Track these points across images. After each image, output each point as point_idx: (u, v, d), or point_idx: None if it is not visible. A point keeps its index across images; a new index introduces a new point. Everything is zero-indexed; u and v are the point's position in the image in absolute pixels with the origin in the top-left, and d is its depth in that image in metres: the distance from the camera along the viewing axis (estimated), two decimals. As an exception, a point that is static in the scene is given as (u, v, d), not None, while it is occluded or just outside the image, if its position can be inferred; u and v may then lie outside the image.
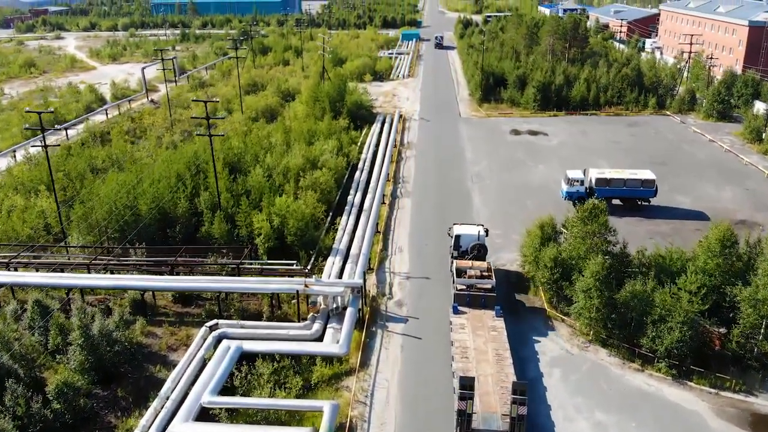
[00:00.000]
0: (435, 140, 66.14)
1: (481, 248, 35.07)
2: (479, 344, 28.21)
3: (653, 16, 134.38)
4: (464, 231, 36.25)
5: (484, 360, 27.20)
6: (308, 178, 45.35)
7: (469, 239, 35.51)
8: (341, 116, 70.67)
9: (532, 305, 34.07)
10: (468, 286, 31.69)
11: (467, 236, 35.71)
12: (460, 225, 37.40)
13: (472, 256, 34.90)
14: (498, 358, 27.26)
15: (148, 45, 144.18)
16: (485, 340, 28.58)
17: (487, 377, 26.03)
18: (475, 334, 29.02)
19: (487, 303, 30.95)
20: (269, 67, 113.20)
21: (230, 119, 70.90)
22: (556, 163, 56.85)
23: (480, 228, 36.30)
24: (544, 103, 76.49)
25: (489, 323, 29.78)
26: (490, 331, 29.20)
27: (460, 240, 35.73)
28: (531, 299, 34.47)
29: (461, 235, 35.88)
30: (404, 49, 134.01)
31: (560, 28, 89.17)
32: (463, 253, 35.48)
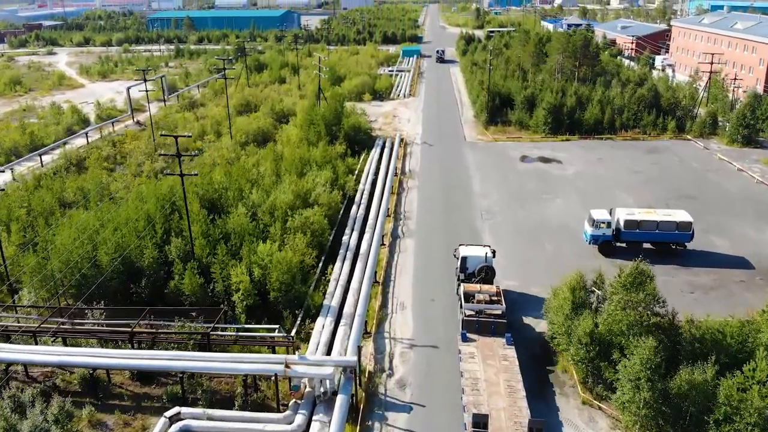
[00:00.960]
0: (439, 168, 60.81)
1: (489, 270, 33.93)
2: (490, 375, 26.77)
3: (663, 32, 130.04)
4: (471, 252, 34.95)
5: (495, 392, 25.73)
6: (297, 219, 39.87)
7: (476, 261, 34.28)
8: (338, 140, 65.52)
9: (561, 386, 28.34)
10: (477, 312, 30.08)
11: (474, 258, 34.44)
12: (467, 246, 36.06)
13: (480, 279, 33.66)
14: (510, 390, 25.79)
15: (141, 61, 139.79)
16: (496, 370, 27.16)
17: (500, 412, 24.60)
18: (486, 363, 27.56)
19: (498, 330, 29.50)
20: (264, 85, 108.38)
21: (217, 145, 65.66)
22: (575, 197, 51.42)
23: (487, 249, 35.10)
24: (556, 127, 71.28)
25: (500, 352, 28.33)
26: (501, 361, 27.78)
27: (467, 262, 34.45)
28: (560, 377, 28.77)
29: (468, 256, 34.59)
30: (405, 66, 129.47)
31: (570, 45, 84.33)
32: (469, 275, 34.20)
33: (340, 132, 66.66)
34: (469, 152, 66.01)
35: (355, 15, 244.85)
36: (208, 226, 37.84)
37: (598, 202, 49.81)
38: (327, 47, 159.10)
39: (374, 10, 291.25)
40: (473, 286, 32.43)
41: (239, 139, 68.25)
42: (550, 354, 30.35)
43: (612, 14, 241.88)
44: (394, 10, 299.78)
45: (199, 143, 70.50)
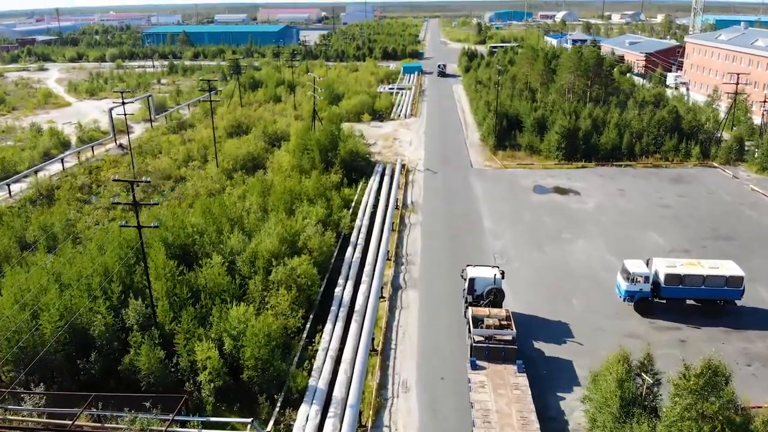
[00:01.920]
0: (444, 200, 55.14)
1: (498, 293, 32.99)
2: (501, 406, 25.59)
3: (674, 48, 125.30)
4: (479, 274, 33.75)
5: (508, 425, 24.50)
6: (281, 272, 34.07)
7: (484, 283, 33.21)
8: (333, 168, 60.07)
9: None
10: (486, 338, 29.05)
11: (482, 280, 33.30)
12: (474, 267, 34.82)
13: (488, 302, 32.62)
14: (523, 422, 24.57)
15: (133, 78, 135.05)
16: (508, 400, 25.97)
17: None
18: (497, 393, 26.44)
19: (508, 356, 28.40)
20: (258, 104, 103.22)
21: (202, 173, 60.08)
22: (598, 237, 45.65)
23: (496, 270, 34.07)
24: (570, 152, 65.75)
25: (511, 380, 27.22)
26: (512, 390, 26.63)
27: (475, 283, 33.33)
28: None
29: (476, 278, 33.41)
30: (406, 84, 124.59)
31: (582, 64, 79.16)
32: (478, 297, 33.17)
33: (336, 158, 61.19)
34: (477, 181, 60.39)
35: (355, 30, 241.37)
36: (174, 283, 32.02)
37: (625, 244, 44.14)
38: (326, 63, 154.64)
39: (374, 25, 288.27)
40: (482, 310, 31.16)
41: (226, 166, 62.70)
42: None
43: (616, 29, 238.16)
44: (395, 25, 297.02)
45: (183, 170, 65.09)
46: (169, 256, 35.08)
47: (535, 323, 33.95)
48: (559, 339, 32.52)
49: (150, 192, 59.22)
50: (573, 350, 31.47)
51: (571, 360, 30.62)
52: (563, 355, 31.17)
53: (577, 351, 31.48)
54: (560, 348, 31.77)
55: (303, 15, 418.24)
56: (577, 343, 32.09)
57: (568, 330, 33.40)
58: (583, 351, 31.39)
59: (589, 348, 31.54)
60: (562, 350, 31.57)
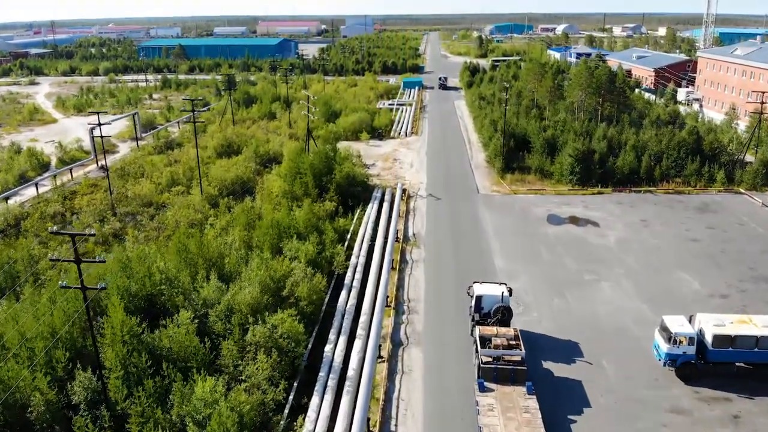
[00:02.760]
0: (450, 232, 50.09)
1: (506, 311, 32.03)
2: (511, 430, 24.71)
3: (684, 62, 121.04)
4: (486, 291, 32.84)
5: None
6: (259, 332, 28.92)
7: (491, 300, 32.25)
8: (328, 194, 55.22)
9: None
10: (494, 358, 28.23)
11: (489, 297, 32.35)
12: (481, 283, 33.90)
13: (496, 320, 31.66)
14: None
15: (124, 93, 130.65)
16: (518, 424, 25.04)
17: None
18: (506, 417, 25.46)
19: (517, 378, 27.54)
20: (252, 121, 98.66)
21: (184, 200, 55.10)
22: (625, 280, 40.52)
23: (503, 288, 33.09)
24: (585, 176, 60.83)
25: (521, 403, 26.34)
26: (522, 413, 25.64)
27: (482, 301, 32.42)
28: None
29: (483, 295, 32.48)
30: (406, 99, 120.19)
31: (594, 81, 74.58)
32: (485, 315, 32.25)
33: (331, 184, 56.33)
34: (485, 209, 55.40)
35: (354, 43, 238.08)
36: (133, 347, 26.88)
37: (656, 288, 39.07)
38: (324, 78, 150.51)
39: (374, 38, 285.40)
40: (489, 329, 30.23)
41: (212, 192, 57.75)
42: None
43: (620, 42, 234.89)
44: (395, 38, 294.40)
45: (165, 195, 60.17)
46: (132, 310, 30.09)
47: (565, 400, 28.71)
48: (595, 422, 27.29)
49: (127, 222, 54.30)
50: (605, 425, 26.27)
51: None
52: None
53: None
54: (590, 421, 26.56)
55: (303, 28, 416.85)
56: (616, 426, 26.86)
57: (605, 406, 28.16)
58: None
59: (627, 429, 26.39)
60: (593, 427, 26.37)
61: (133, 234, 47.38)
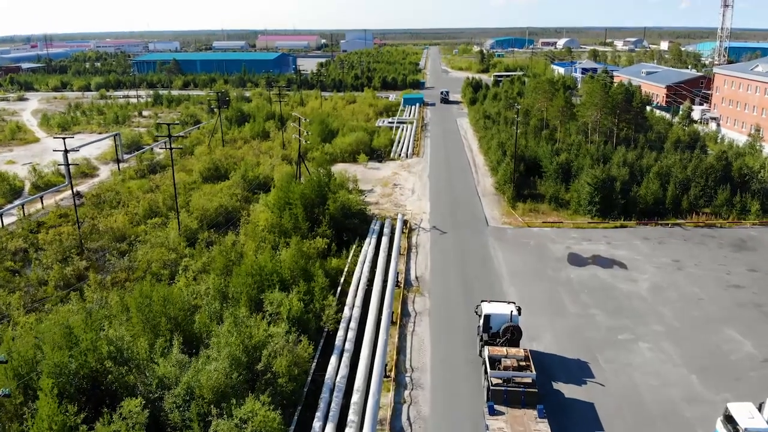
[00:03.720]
0: (458, 275, 44.10)
1: (515, 331, 31.05)
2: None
3: (697, 79, 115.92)
4: (495, 310, 32.17)
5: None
6: (224, 428, 22.85)
7: (500, 320, 31.48)
8: (321, 226, 49.44)
9: None
10: (504, 380, 27.06)
11: (498, 316, 31.64)
12: (489, 303, 33.31)
13: (505, 340, 30.70)
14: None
15: (113, 109, 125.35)
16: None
17: None
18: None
19: (528, 401, 26.30)
20: (244, 141, 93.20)
21: (159, 235, 49.09)
22: (666, 340, 34.44)
23: (512, 306, 32.38)
24: (605, 207, 54.99)
25: (532, 427, 24.84)
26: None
27: (490, 320, 31.72)
28: None
29: (491, 314, 31.80)
30: (407, 117, 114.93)
31: (610, 100, 69.08)
32: (493, 335, 31.49)
33: (324, 217, 50.53)
34: (497, 246, 49.46)
35: (354, 58, 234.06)
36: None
37: (702, 351, 33.09)
38: (321, 94, 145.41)
39: (374, 53, 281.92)
40: (499, 350, 29.54)
41: (191, 224, 51.85)
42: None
43: (624, 57, 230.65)
44: (395, 53, 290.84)
45: (141, 228, 54.34)
46: (72, 394, 24.15)
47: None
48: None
49: (96, 260, 48.43)
50: None
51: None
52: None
53: None
54: None
55: (302, 42, 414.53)
56: None
57: None
58: None
59: None
60: None
61: (96, 279, 41.38)
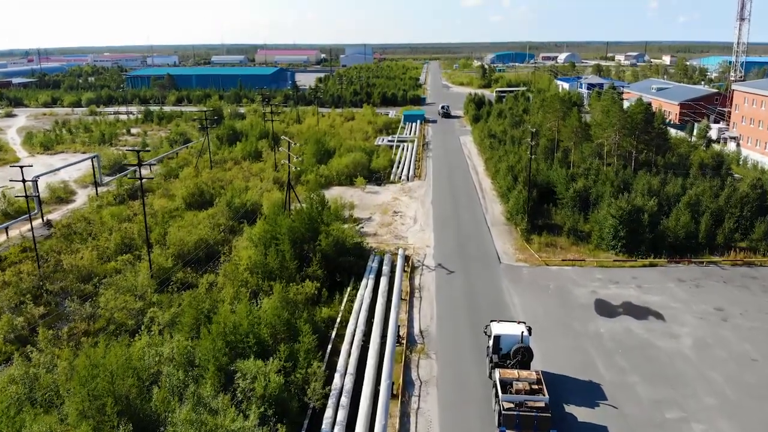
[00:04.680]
0: (469, 329, 37.85)
1: (526, 352, 29.44)
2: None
3: (711, 95, 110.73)
4: (504, 330, 30.42)
5: None
6: None
7: (510, 341, 29.80)
8: (311, 266, 43.57)
9: None
10: (516, 404, 26.15)
11: (508, 337, 29.92)
12: (499, 322, 31.54)
13: (516, 362, 29.18)
14: None
15: (101, 127, 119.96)
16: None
17: None
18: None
19: (541, 426, 25.38)
20: (234, 161, 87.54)
21: (126, 283, 42.85)
22: (721, 418, 28.19)
23: (523, 327, 30.63)
24: (632, 242, 49.01)
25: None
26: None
27: (500, 341, 30.02)
28: None
29: (501, 335, 30.08)
30: (407, 135, 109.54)
31: (629, 121, 63.45)
32: (503, 357, 29.83)
33: (315, 255, 44.62)
34: (512, 289, 43.34)
35: (353, 73, 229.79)
36: None
37: (756, 421, 26.83)
38: (319, 110, 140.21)
39: (374, 68, 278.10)
40: (510, 372, 27.99)
41: (164, 263, 45.81)
42: None
43: (629, 72, 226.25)
44: (395, 68, 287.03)
45: (112, 264, 48.37)
46: None
47: None
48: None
49: (58, 303, 42.49)
50: None
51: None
52: None
53: None
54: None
55: (302, 57, 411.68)
56: None
57: None
58: None
59: None
60: None
61: (46, 335, 35.28)
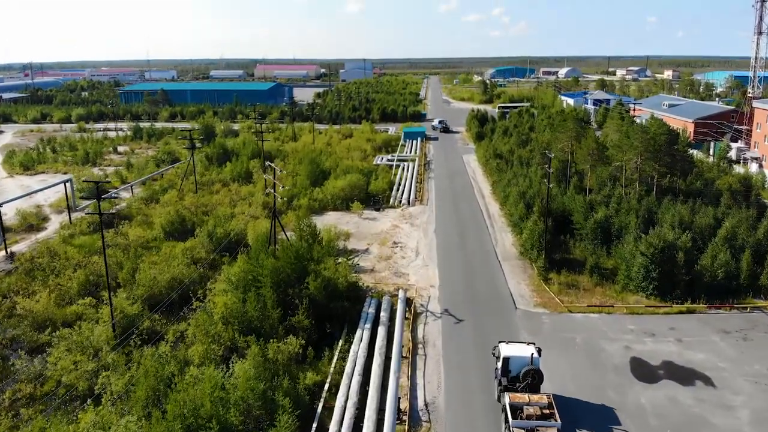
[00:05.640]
0: (485, 401, 31.68)
1: (536, 375, 28.32)
2: None
3: (727, 113, 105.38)
4: (514, 352, 29.21)
5: None
6: None
7: (520, 363, 28.69)
8: (297, 314, 37.57)
9: None
10: (527, 430, 25.10)
11: (518, 359, 28.81)
12: (508, 343, 30.26)
13: (525, 385, 28.00)
14: None
15: (87, 145, 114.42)
16: None
17: None
18: None
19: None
20: (222, 184, 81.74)
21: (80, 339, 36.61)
22: None
23: (533, 348, 29.45)
24: (665, 284, 42.92)
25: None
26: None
27: (510, 363, 28.81)
28: None
29: (510, 357, 28.91)
30: (408, 153, 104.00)
31: (652, 143, 57.72)
32: (513, 380, 28.60)
33: (303, 301, 38.58)
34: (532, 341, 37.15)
35: (352, 88, 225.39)
36: None
37: None
38: (317, 127, 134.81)
39: (373, 83, 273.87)
40: (520, 396, 26.97)
41: (128, 311, 39.70)
42: None
43: (634, 87, 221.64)
44: (394, 83, 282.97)
45: (73, 308, 42.34)
46: None
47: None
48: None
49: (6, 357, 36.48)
50: None
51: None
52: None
53: None
54: None
55: (301, 72, 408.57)
56: None
57: None
58: None
59: None
60: None
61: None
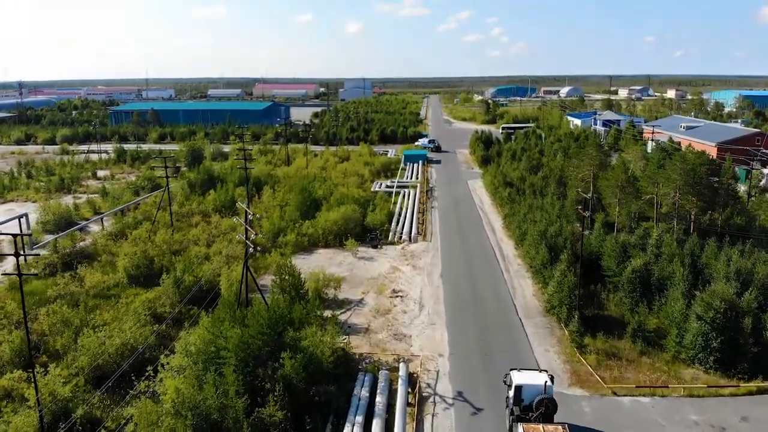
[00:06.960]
0: None
1: (550, 404, 27.00)
2: None
3: (752, 135, 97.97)
4: (526, 380, 27.96)
5: None
6: None
7: (533, 391, 27.47)
8: (269, 404, 29.33)
9: None
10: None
11: (531, 387, 27.59)
12: (520, 371, 29.05)
13: (539, 415, 26.61)
14: None
15: (65, 170, 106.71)
16: None
17: None
18: None
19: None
20: (202, 216, 73.65)
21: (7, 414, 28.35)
22: None
23: (546, 376, 28.21)
24: (728, 355, 34.59)
25: None
26: None
27: (522, 392, 27.59)
28: None
29: (523, 385, 27.69)
30: (408, 179, 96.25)
31: (692, 175, 49.83)
32: (525, 409, 27.27)
33: (276, 384, 30.25)
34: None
35: (351, 108, 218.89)
36: None
37: None
38: (313, 149, 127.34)
39: (373, 102, 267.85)
40: (534, 427, 25.51)
41: (60, 392, 31.37)
42: None
43: (640, 107, 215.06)
44: (394, 102, 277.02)
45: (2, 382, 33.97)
46: None
47: None
48: None
49: None
50: None
51: None
52: None
53: None
54: None
55: (300, 91, 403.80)
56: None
57: None
58: None
59: None
60: None
61: None
